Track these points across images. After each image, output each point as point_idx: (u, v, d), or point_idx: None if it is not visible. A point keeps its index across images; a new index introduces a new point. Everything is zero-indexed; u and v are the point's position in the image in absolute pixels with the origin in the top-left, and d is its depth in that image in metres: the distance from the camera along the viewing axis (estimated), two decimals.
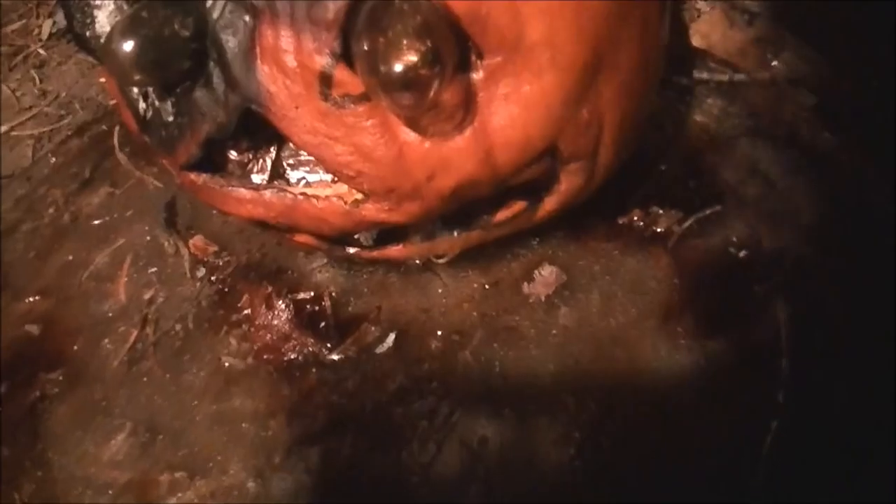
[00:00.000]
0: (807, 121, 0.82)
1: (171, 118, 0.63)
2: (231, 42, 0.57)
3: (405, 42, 0.51)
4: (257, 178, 0.66)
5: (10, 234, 0.85)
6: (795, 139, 0.81)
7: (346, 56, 0.55)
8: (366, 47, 0.52)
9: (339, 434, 0.67)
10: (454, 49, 0.54)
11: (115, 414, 0.71)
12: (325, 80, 0.56)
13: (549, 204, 0.68)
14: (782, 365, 0.69)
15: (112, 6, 0.64)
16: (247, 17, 0.57)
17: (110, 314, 0.76)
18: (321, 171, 0.65)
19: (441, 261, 0.72)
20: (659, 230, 0.75)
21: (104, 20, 0.64)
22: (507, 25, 0.55)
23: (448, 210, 0.63)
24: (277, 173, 0.66)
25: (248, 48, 0.57)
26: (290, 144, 0.64)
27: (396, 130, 0.57)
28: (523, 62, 0.57)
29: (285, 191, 0.63)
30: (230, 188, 0.64)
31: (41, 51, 1.10)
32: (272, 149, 0.66)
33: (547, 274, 0.73)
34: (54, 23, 1.13)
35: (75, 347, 0.75)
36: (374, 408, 0.68)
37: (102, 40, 0.62)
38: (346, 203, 0.62)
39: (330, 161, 0.59)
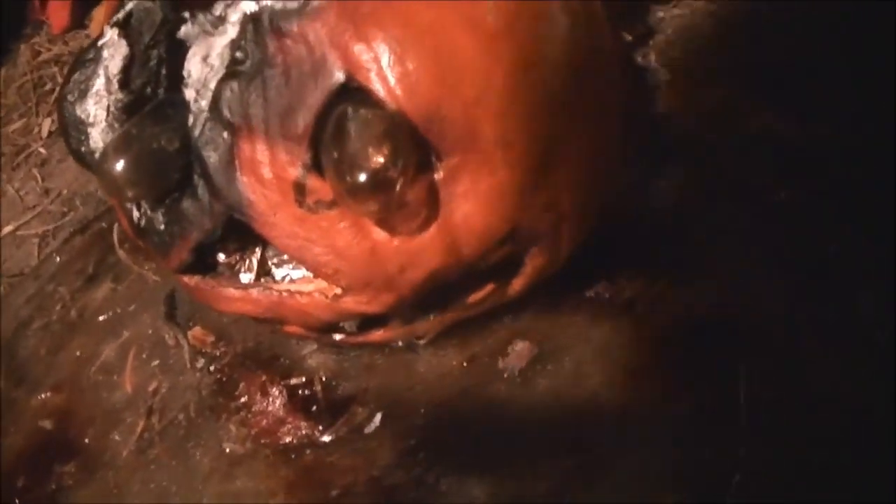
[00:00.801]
0: (773, 182, 0.87)
1: (162, 227, 0.69)
2: (212, 157, 0.64)
3: (368, 150, 0.57)
4: (245, 277, 0.72)
5: (22, 332, 0.91)
6: (761, 200, 0.86)
7: (317, 164, 0.61)
8: (333, 157, 0.58)
9: None
10: (414, 153, 0.60)
11: (128, 500, 0.76)
12: (300, 189, 0.62)
13: (517, 284, 0.73)
14: (742, 421, 0.74)
15: (104, 124, 0.70)
16: (225, 133, 0.63)
17: (118, 405, 0.82)
18: (303, 269, 0.70)
19: (421, 342, 0.77)
20: (625, 297, 0.80)
21: (97, 136, 0.70)
22: (462, 128, 0.61)
23: (422, 297, 0.69)
24: (264, 271, 0.72)
25: (228, 161, 0.63)
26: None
27: (368, 230, 0.63)
28: (479, 160, 0.62)
29: (271, 288, 0.69)
30: (220, 288, 0.71)
31: (42, 149, 1.16)
32: (258, 249, 0.72)
33: (520, 348, 0.78)
34: (53, 121, 1.19)
35: (87, 440, 0.80)
36: (367, 481, 0.73)
37: (96, 156, 0.68)
38: (327, 297, 0.68)
39: (309, 261, 0.65)
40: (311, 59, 0.60)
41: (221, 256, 0.72)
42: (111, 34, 0.70)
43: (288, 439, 0.76)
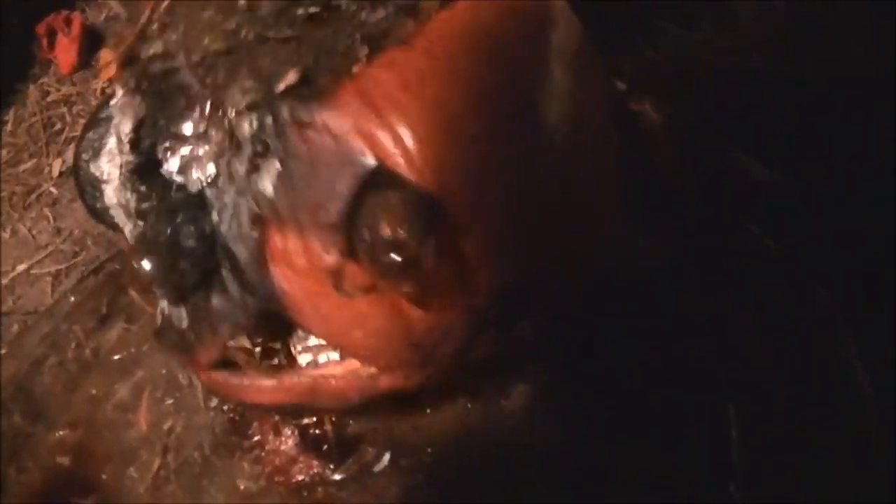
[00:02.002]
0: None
1: (184, 324, 0.70)
2: (242, 251, 0.64)
3: (399, 231, 0.59)
4: (271, 368, 0.73)
5: (38, 369, 0.94)
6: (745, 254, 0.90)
7: (350, 250, 0.61)
8: (366, 241, 0.60)
9: None
10: (440, 228, 0.62)
11: None
12: (337, 275, 0.62)
13: (520, 328, 0.76)
14: (734, 459, 0.78)
15: (117, 182, 0.70)
16: (254, 227, 0.63)
17: (134, 443, 0.84)
18: (329, 352, 0.72)
19: (430, 385, 0.80)
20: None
21: (111, 194, 0.71)
22: (471, 196, 0.63)
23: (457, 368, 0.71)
24: (290, 359, 0.73)
25: (259, 254, 0.64)
26: (298, 331, 0.71)
27: (405, 310, 0.65)
28: (488, 225, 0.64)
29: (302, 373, 0.71)
30: (250, 381, 0.72)
31: (53, 189, 1.19)
32: (284, 338, 0.73)
33: (522, 389, 0.81)
34: (63, 161, 1.22)
35: (104, 476, 0.83)
36: None
37: (111, 212, 0.70)
38: (362, 377, 0.70)
39: (348, 346, 0.68)
40: (337, 147, 0.61)
41: (246, 345, 0.73)
42: (121, 95, 0.70)
43: (300, 477, 0.79)
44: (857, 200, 0.90)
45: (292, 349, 0.73)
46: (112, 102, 0.72)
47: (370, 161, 0.60)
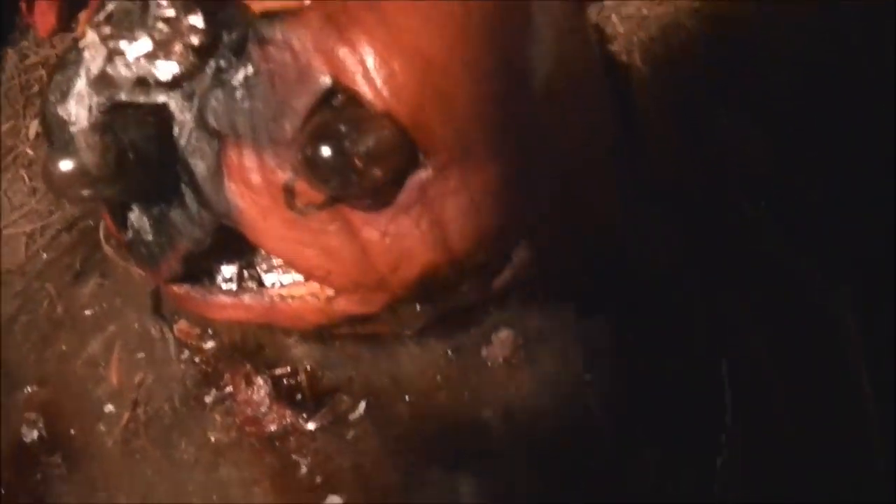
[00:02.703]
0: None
1: (150, 238, 0.69)
2: (199, 165, 0.64)
3: (352, 150, 0.58)
4: (234, 285, 0.72)
5: (9, 328, 0.91)
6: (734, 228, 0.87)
7: (303, 168, 0.60)
8: (318, 157, 0.58)
9: (318, 495, 0.73)
10: (399, 150, 0.60)
11: (114, 491, 0.77)
12: (289, 192, 0.62)
13: (504, 277, 0.73)
14: (726, 399, 0.75)
15: (86, 124, 0.68)
16: (212, 142, 0.63)
17: (104, 398, 0.82)
18: (293, 273, 0.71)
19: (407, 332, 0.77)
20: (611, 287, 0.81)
21: (80, 138, 0.69)
22: (449, 129, 0.61)
23: (415, 295, 0.69)
24: (253, 278, 0.72)
25: (216, 170, 0.63)
26: (262, 251, 0.70)
27: (358, 230, 0.63)
28: (467, 158, 0.63)
29: (262, 294, 0.70)
30: (211, 296, 0.71)
31: (29, 150, 1.17)
32: (247, 256, 0.72)
33: (504, 337, 0.78)
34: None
35: (73, 431, 0.80)
36: (351, 468, 0.74)
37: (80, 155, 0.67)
38: (319, 300, 0.68)
39: (301, 264, 0.66)
40: (297, 65, 0.60)
41: (211, 264, 0.72)
42: (91, 35, 0.70)
43: (272, 428, 0.76)
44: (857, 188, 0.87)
45: (258, 268, 0.72)
46: (81, 43, 0.70)
47: (327, 79, 0.60)
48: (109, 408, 0.81)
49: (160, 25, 0.64)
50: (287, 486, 0.73)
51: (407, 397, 0.77)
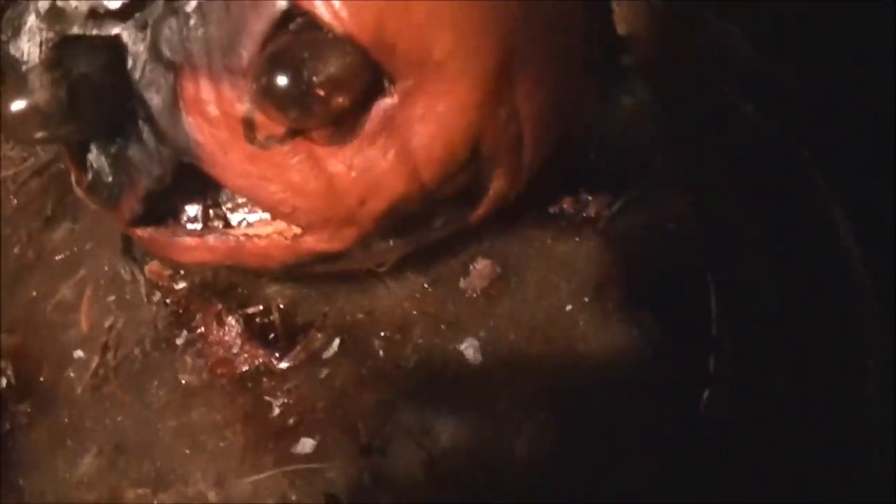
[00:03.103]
0: (737, 97, 0.85)
1: (110, 178, 0.66)
2: (155, 99, 0.60)
3: (317, 77, 0.54)
4: (199, 225, 0.69)
5: None
6: (724, 119, 0.84)
7: (261, 97, 0.57)
8: (275, 84, 0.55)
9: (291, 437, 0.71)
10: (359, 75, 0.57)
11: (83, 437, 0.74)
12: (249, 124, 0.59)
13: (480, 207, 0.70)
14: (713, 333, 0.72)
15: (38, 61, 0.66)
16: (167, 74, 0.59)
17: (74, 343, 0.80)
18: (259, 211, 0.68)
19: (382, 269, 0.75)
20: (589, 215, 0.78)
21: (34, 76, 0.67)
22: (413, 48, 0.57)
23: (384, 229, 0.66)
24: (220, 217, 0.69)
25: (172, 102, 0.60)
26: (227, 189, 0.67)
27: (323, 163, 0.60)
28: (434, 80, 0.59)
29: (228, 234, 0.67)
30: (176, 238, 0.68)
31: None
32: (212, 194, 0.69)
33: (482, 267, 0.76)
34: None
35: (42, 378, 0.78)
36: (324, 408, 0.72)
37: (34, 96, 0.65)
38: (286, 238, 0.65)
39: (265, 201, 0.63)
40: None
41: (174, 203, 0.69)
42: None
43: (244, 368, 0.74)
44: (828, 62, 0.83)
45: (223, 207, 0.69)
46: None
47: (283, 1, 0.56)
48: (79, 353, 0.79)
49: None
50: (259, 427, 0.71)
51: (382, 332, 0.74)
